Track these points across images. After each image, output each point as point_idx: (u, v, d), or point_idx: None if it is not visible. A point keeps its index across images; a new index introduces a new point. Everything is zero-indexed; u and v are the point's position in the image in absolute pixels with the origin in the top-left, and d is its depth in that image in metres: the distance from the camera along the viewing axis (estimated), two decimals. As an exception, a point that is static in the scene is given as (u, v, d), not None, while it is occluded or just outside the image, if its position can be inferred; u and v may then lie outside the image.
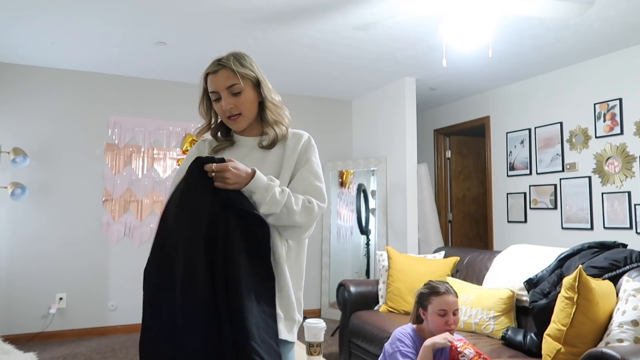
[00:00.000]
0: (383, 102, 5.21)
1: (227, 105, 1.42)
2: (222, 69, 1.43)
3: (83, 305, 4.44)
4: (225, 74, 1.42)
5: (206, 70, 1.47)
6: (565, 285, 2.06)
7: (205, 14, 3.32)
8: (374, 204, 5.28)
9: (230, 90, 1.42)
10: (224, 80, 1.42)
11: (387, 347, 2.04)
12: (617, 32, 3.63)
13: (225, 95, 1.42)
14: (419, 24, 3.49)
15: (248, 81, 1.44)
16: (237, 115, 1.45)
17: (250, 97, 1.45)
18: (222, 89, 1.42)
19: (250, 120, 1.49)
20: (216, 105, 1.46)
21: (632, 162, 3.84)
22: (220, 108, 1.44)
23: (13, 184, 4.11)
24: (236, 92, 1.42)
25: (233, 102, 1.42)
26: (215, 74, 1.43)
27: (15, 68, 4.38)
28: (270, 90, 1.50)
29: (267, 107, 1.50)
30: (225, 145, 1.52)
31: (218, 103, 1.45)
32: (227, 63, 1.43)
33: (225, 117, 1.46)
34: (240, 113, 1.44)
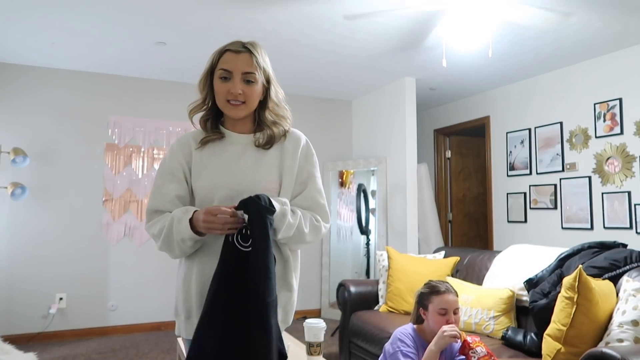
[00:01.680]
0: (383, 102, 5.21)
1: (237, 88, 1.35)
2: (246, 53, 1.37)
3: (83, 306, 4.43)
4: (247, 58, 1.37)
5: (226, 46, 1.39)
6: (565, 285, 2.06)
7: (205, 14, 3.32)
8: (374, 204, 5.28)
9: (245, 76, 1.36)
10: (244, 64, 1.36)
11: (387, 347, 2.04)
12: (617, 32, 3.63)
13: (237, 79, 1.36)
14: (419, 24, 3.49)
15: (262, 75, 1.40)
16: (240, 102, 1.38)
17: (258, 91, 1.40)
18: (238, 72, 1.36)
19: (249, 113, 1.43)
20: (221, 84, 1.38)
21: (632, 162, 3.84)
22: (226, 89, 1.36)
23: (13, 184, 4.11)
24: (250, 81, 1.37)
25: (243, 88, 1.36)
26: (237, 54, 1.37)
27: (15, 68, 4.38)
28: (277, 90, 1.46)
29: (268, 107, 1.44)
30: (214, 138, 1.44)
31: (224, 83, 1.37)
32: (252, 49, 1.38)
33: (224, 100, 1.38)
34: (244, 102, 1.38)
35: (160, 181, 1.42)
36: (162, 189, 1.40)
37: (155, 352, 3.89)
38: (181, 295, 1.38)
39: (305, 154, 1.48)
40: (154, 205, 1.41)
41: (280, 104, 1.45)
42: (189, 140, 1.45)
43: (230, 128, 1.46)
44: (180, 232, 1.30)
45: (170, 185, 1.40)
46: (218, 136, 1.44)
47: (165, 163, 1.44)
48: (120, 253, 4.59)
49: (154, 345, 4.12)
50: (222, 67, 1.37)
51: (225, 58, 1.37)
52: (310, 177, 1.45)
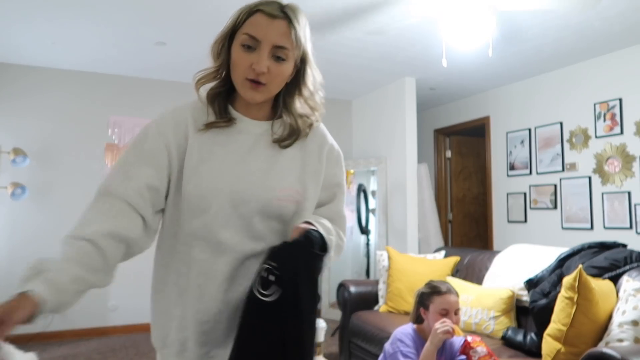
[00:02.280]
0: (383, 102, 5.21)
1: (262, 65, 1.00)
2: (283, 20, 1.02)
3: (83, 305, 4.38)
4: (284, 28, 1.02)
5: (258, 4, 1.04)
6: (566, 285, 2.06)
7: (205, 14, 3.32)
8: (374, 204, 5.28)
9: (276, 51, 1.02)
10: (278, 34, 1.01)
11: (387, 347, 2.04)
12: (617, 32, 3.63)
13: (265, 52, 1.01)
14: (419, 24, 3.49)
15: (297, 52, 1.06)
16: (262, 84, 1.03)
17: (286, 72, 1.06)
18: (267, 43, 1.01)
19: (268, 98, 1.09)
20: (242, 54, 1.02)
21: (632, 162, 3.84)
22: (247, 62, 1.01)
23: (13, 184, 4.11)
24: (280, 58, 1.03)
25: (270, 65, 1.02)
26: (271, 19, 1.02)
27: (15, 68, 4.38)
28: (314, 74, 1.12)
29: (300, 93, 1.12)
30: (221, 124, 1.08)
31: (247, 53, 1.02)
32: (292, 16, 1.03)
33: (243, 76, 1.03)
34: (266, 84, 1.04)
35: (132, 158, 1.05)
36: (132, 168, 1.03)
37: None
38: (172, 323, 1.09)
39: (335, 156, 1.19)
40: (111, 185, 1.02)
41: (314, 92, 1.13)
42: (186, 117, 1.09)
43: (242, 111, 1.12)
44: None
45: (146, 169, 1.03)
46: (226, 123, 1.09)
47: (148, 138, 1.07)
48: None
49: (154, 345, 4.12)
50: (249, 32, 1.02)
51: (255, 20, 1.02)
52: (340, 186, 1.19)
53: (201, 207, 1.04)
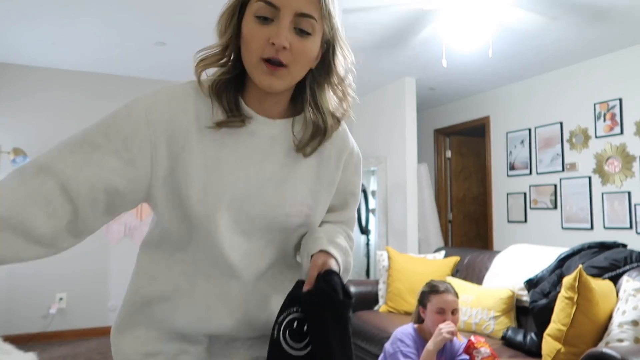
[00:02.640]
0: (383, 102, 5.21)
1: (282, 38, 0.78)
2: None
3: (83, 305, 4.43)
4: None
5: None
6: (566, 285, 2.06)
7: (205, 14, 3.32)
8: (374, 204, 5.28)
9: (298, 21, 0.81)
10: (303, 1, 0.80)
11: (387, 347, 2.05)
12: (617, 32, 3.63)
13: (286, 22, 0.80)
14: (419, 24, 3.49)
15: (323, 29, 0.85)
16: (281, 65, 0.81)
17: (313, 52, 0.85)
18: (289, 10, 0.80)
19: (291, 85, 0.86)
20: (256, 27, 0.80)
21: (632, 162, 3.84)
22: (263, 36, 0.80)
23: (13, 184, 4.11)
24: (304, 31, 0.82)
25: (292, 40, 0.81)
26: None
27: (15, 68, 4.38)
28: (346, 56, 0.92)
29: (330, 82, 0.91)
30: (235, 123, 0.85)
31: (263, 25, 0.80)
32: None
33: (258, 56, 0.81)
34: (287, 65, 0.81)
35: (99, 138, 0.80)
36: (95, 152, 0.78)
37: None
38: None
39: (354, 162, 1.00)
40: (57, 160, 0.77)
41: (345, 80, 0.92)
42: (187, 108, 0.84)
43: (254, 105, 0.89)
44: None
45: (111, 160, 0.79)
46: (239, 122, 0.86)
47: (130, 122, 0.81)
48: (120, 253, 4.59)
49: (154, 345, 4.12)
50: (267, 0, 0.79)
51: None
52: (354, 195, 1.03)
53: (207, 227, 0.85)
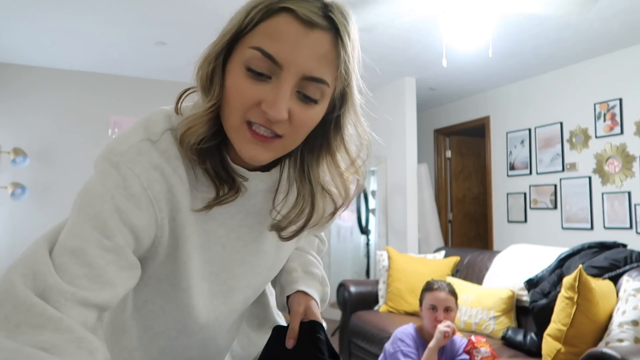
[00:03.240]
0: (383, 102, 5.21)
1: (280, 110, 0.59)
2: (325, 33, 0.61)
3: (83, 305, 4.43)
4: (325, 46, 0.61)
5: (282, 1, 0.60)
6: (566, 285, 2.06)
7: (205, 14, 3.32)
8: (374, 204, 5.28)
9: (304, 85, 0.61)
10: (314, 56, 0.60)
11: (388, 347, 2.05)
12: (617, 32, 3.63)
13: (289, 87, 0.60)
14: (419, 24, 3.49)
15: (336, 88, 0.65)
16: (274, 137, 0.62)
17: (316, 120, 0.65)
18: (295, 70, 0.60)
19: (279, 156, 0.67)
20: (246, 82, 0.60)
21: (632, 162, 3.84)
22: (254, 97, 0.60)
23: (13, 184, 4.11)
24: (311, 98, 0.62)
25: (293, 108, 0.61)
26: (307, 28, 0.59)
27: (15, 68, 4.38)
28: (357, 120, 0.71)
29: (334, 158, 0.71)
30: (229, 198, 0.67)
31: (258, 84, 0.60)
32: (341, 27, 0.61)
33: (242, 118, 0.61)
34: (283, 136, 0.63)
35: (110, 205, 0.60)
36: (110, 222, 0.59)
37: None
38: None
39: None
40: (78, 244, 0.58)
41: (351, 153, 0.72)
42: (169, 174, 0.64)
43: (238, 159, 0.69)
44: None
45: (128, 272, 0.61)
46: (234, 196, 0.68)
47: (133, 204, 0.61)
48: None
49: (154, 345, 4.11)
50: (263, 48, 0.60)
51: (277, 27, 0.60)
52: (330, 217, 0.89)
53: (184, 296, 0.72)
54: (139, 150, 0.63)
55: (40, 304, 0.52)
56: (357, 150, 0.71)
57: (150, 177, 0.62)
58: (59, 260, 0.57)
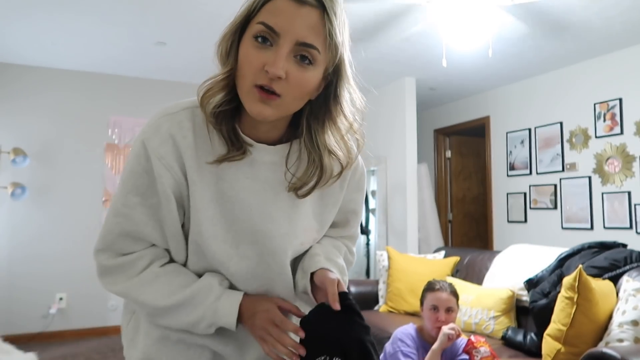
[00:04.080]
0: (383, 102, 5.21)
1: (278, 67, 0.73)
2: (314, 10, 0.76)
3: (83, 305, 4.43)
4: (314, 19, 0.75)
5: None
6: (566, 285, 2.06)
7: (205, 14, 3.32)
8: (374, 204, 5.28)
9: (299, 49, 0.75)
10: (305, 26, 0.75)
11: (388, 346, 2.05)
12: (617, 32, 3.63)
13: (285, 50, 0.74)
14: (419, 24, 3.48)
15: (330, 56, 0.78)
16: (274, 93, 0.76)
17: (312, 83, 0.79)
18: (290, 37, 0.74)
19: (283, 115, 0.81)
20: (253, 51, 0.75)
21: (632, 162, 3.84)
22: (259, 61, 0.75)
23: (13, 184, 4.11)
24: (305, 59, 0.76)
25: (288, 69, 0.75)
26: (299, 4, 0.75)
27: (15, 68, 4.38)
28: (352, 92, 0.86)
29: (334, 121, 0.85)
30: (236, 157, 0.83)
31: (261, 50, 0.75)
32: (328, 5, 0.76)
33: (251, 82, 0.76)
34: (281, 95, 0.76)
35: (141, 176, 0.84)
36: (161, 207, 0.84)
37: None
38: None
39: (357, 179, 0.98)
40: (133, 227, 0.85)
41: (352, 122, 0.86)
42: (188, 142, 0.83)
43: (249, 131, 0.85)
44: (217, 315, 0.83)
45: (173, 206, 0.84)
46: (242, 155, 0.84)
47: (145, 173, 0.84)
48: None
49: (154, 345, 4.11)
50: (265, 21, 0.75)
51: (276, 6, 0.75)
52: (355, 213, 1.02)
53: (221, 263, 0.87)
54: (158, 127, 0.83)
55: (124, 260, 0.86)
56: (352, 114, 0.86)
57: (163, 149, 0.82)
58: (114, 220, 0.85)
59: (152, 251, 0.88)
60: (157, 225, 0.85)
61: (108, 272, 0.87)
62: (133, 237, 0.86)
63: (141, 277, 0.86)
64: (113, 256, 0.87)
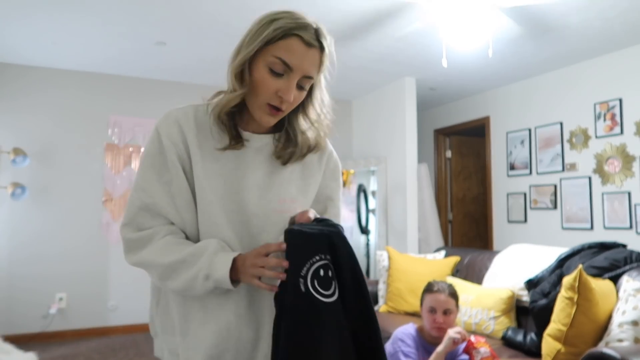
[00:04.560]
0: (383, 102, 5.21)
1: (290, 95, 0.99)
2: (317, 51, 1.00)
3: (83, 305, 4.43)
4: (317, 58, 1.01)
5: (295, 27, 0.98)
6: (566, 285, 2.06)
7: (205, 14, 3.32)
8: (374, 204, 5.28)
9: (302, 80, 1.01)
10: (310, 65, 1.00)
11: (388, 347, 2.05)
12: (617, 32, 3.63)
13: (294, 82, 0.99)
14: (419, 24, 3.48)
15: (316, 79, 1.06)
16: (280, 110, 1.02)
17: (303, 98, 1.06)
18: (299, 73, 0.99)
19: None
20: (269, 78, 0.98)
21: (632, 162, 3.84)
22: (274, 88, 0.98)
23: (13, 184, 4.11)
24: (303, 87, 1.02)
25: (295, 95, 1.01)
26: (307, 47, 0.98)
27: (15, 68, 4.38)
28: (322, 96, 1.12)
29: (305, 112, 1.10)
30: (236, 146, 1.06)
31: (275, 78, 0.98)
32: (326, 46, 1.02)
33: (265, 101, 1.00)
34: (284, 110, 1.03)
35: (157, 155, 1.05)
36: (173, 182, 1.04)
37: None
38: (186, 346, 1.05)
39: (332, 167, 1.19)
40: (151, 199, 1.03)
41: (320, 114, 1.11)
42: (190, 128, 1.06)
43: (245, 126, 1.10)
44: (213, 267, 0.96)
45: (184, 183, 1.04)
46: (241, 147, 1.07)
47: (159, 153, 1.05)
48: (120, 253, 4.58)
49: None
50: (282, 58, 0.97)
51: (291, 46, 0.97)
52: (331, 200, 1.19)
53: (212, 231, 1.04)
54: (168, 115, 1.07)
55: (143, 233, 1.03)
56: (320, 108, 1.10)
57: (171, 130, 1.04)
58: (135, 194, 1.04)
59: (168, 228, 1.03)
60: (171, 201, 1.03)
61: (130, 245, 1.03)
62: (151, 212, 1.03)
63: (154, 244, 1.01)
64: (134, 230, 1.03)
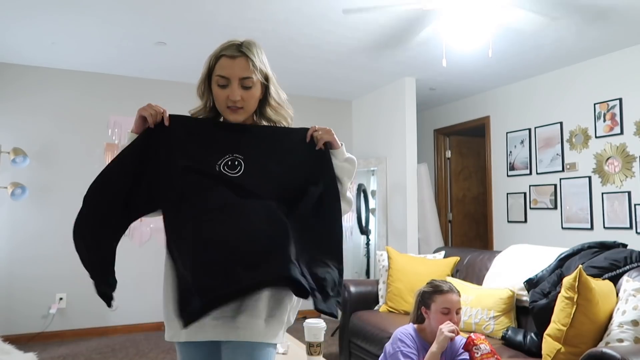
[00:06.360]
0: (383, 102, 5.21)
1: (235, 96, 1.31)
2: (241, 57, 1.31)
3: (83, 305, 4.43)
4: (244, 63, 1.31)
5: (221, 50, 1.33)
6: (565, 285, 2.06)
7: (205, 14, 3.32)
8: (374, 204, 5.28)
9: (243, 82, 1.31)
10: (241, 70, 1.31)
11: (388, 347, 2.04)
12: (617, 32, 3.63)
13: (235, 86, 1.31)
14: (418, 24, 3.49)
15: (260, 75, 1.34)
16: (240, 108, 1.34)
17: (256, 94, 1.36)
18: (234, 78, 1.31)
19: (249, 115, 1.39)
20: (219, 91, 1.33)
21: (632, 162, 3.84)
22: (224, 96, 1.33)
23: (13, 184, 4.11)
24: (247, 86, 1.32)
25: (242, 94, 1.32)
26: (232, 59, 1.31)
27: (15, 68, 4.38)
28: (277, 88, 1.42)
29: (269, 103, 1.41)
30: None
31: (223, 90, 1.32)
32: (248, 52, 1.32)
33: (224, 106, 1.34)
34: (242, 107, 1.34)
35: None
36: None
37: (155, 352, 3.89)
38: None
39: None
40: None
41: (281, 104, 1.42)
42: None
43: None
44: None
45: None
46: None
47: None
48: (120, 253, 4.54)
49: (154, 345, 4.12)
50: (219, 74, 1.32)
51: (222, 64, 1.32)
52: None
53: None
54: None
55: None
56: (278, 99, 1.42)
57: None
58: None
59: None
60: None
61: None
62: None
63: None
64: None
